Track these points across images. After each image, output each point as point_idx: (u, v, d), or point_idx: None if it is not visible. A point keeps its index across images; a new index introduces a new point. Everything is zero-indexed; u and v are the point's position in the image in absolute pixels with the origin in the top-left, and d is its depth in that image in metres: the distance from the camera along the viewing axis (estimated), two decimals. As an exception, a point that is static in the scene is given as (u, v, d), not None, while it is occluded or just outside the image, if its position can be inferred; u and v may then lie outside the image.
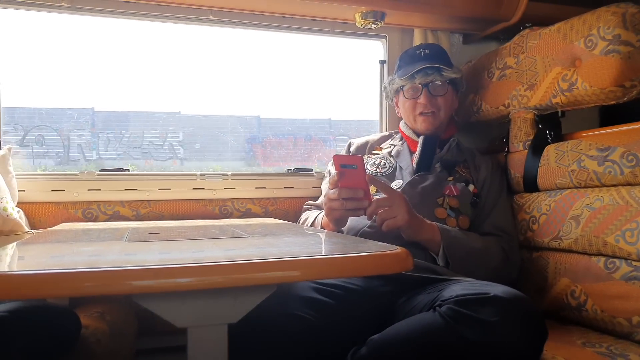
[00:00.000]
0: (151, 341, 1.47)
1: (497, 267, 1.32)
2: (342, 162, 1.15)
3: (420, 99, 1.48)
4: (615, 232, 1.17)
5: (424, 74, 1.47)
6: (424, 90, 1.48)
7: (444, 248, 1.24)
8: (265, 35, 1.83)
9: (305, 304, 1.05)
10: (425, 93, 1.47)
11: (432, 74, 1.47)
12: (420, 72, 1.47)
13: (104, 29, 1.69)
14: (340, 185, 1.16)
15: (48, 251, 0.83)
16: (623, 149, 1.20)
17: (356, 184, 1.15)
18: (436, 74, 1.47)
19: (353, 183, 1.15)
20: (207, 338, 0.69)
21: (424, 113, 1.48)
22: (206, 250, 0.82)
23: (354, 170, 1.14)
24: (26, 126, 1.67)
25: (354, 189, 1.15)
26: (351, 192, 1.16)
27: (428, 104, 1.46)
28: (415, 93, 1.49)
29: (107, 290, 0.59)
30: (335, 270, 0.70)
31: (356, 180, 1.15)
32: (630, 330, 1.12)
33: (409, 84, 1.49)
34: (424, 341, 0.91)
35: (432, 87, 1.48)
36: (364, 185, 1.15)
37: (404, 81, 1.49)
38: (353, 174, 1.14)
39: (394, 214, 1.19)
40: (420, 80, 1.47)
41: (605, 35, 1.23)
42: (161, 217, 1.61)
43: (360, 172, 1.14)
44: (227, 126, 1.88)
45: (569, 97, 1.35)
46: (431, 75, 1.47)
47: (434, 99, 1.48)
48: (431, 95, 1.48)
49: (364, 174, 1.14)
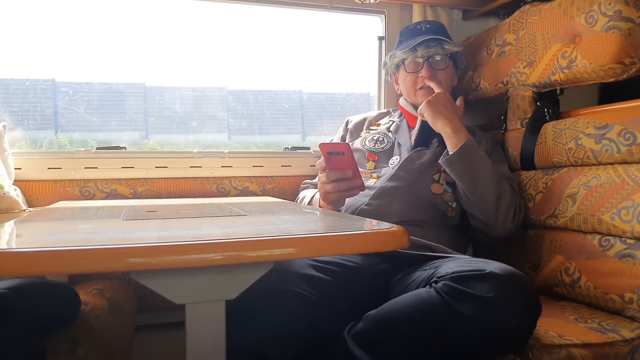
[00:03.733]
0: (150, 317, 1.48)
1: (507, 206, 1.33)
2: (329, 150, 1.15)
3: (421, 72, 1.47)
4: (611, 210, 1.17)
5: (426, 47, 1.46)
6: (425, 64, 1.47)
7: (462, 146, 1.29)
8: (261, 10, 1.80)
9: (302, 280, 1.06)
10: (426, 67, 1.47)
11: (434, 47, 1.46)
12: (422, 44, 1.46)
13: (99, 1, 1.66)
14: (328, 169, 1.16)
15: (46, 229, 0.84)
16: (620, 127, 1.20)
17: (344, 166, 1.15)
18: (438, 47, 1.46)
19: (341, 165, 1.15)
20: (205, 314, 0.70)
21: (424, 87, 1.47)
22: (204, 228, 0.82)
23: (342, 156, 1.14)
24: (21, 101, 1.65)
25: (343, 170, 1.15)
26: (340, 173, 1.15)
27: (429, 78, 1.46)
28: (416, 67, 1.49)
29: (106, 268, 0.59)
30: (331, 247, 0.70)
31: (344, 163, 1.15)
32: (622, 307, 1.13)
33: (411, 57, 1.48)
34: (420, 317, 0.92)
35: (433, 61, 1.47)
36: (353, 166, 1.15)
37: (405, 54, 1.48)
38: (341, 158, 1.14)
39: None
40: (422, 53, 1.46)
41: (606, 11, 1.22)
42: (159, 195, 1.61)
43: (348, 157, 1.14)
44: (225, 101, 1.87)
45: (568, 75, 1.34)
46: (433, 48, 1.46)
47: (435, 72, 1.47)
48: (432, 69, 1.47)
49: (351, 157, 1.14)
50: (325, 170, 1.17)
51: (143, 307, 1.39)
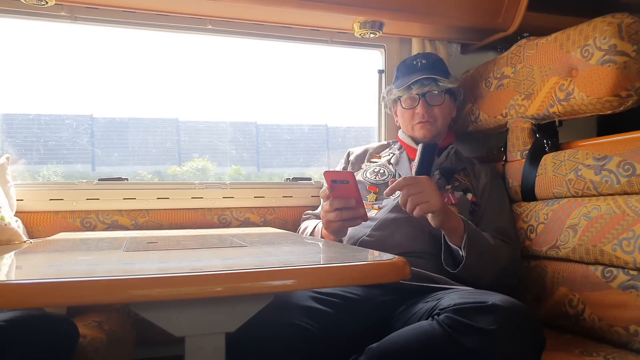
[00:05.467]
0: (149, 350, 1.46)
1: (505, 268, 1.30)
2: (333, 178, 1.16)
3: (417, 109, 1.49)
4: (612, 241, 1.17)
5: (420, 85, 1.48)
6: (421, 100, 1.49)
7: (467, 238, 1.22)
8: (263, 44, 1.84)
9: (303, 313, 1.05)
10: (422, 103, 1.49)
11: (429, 85, 1.48)
12: (416, 82, 1.48)
13: (105, 37, 1.71)
14: (332, 197, 1.17)
15: (46, 260, 0.83)
16: (619, 159, 1.20)
17: (348, 194, 1.16)
18: (432, 85, 1.48)
19: (345, 194, 1.16)
20: (205, 347, 0.69)
21: (421, 122, 1.49)
22: (204, 259, 0.82)
23: (346, 185, 1.14)
24: (25, 134, 1.68)
25: (346, 198, 1.16)
26: (343, 202, 1.16)
27: (425, 114, 1.48)
28: (412, 103, 1.51)
29: (105, 299, 0.59)
30: (332, 279, 0.70)
31: (348, 191, 1.15)
32: (627, 339, 1.11)
33: (406, 95, 1.50)
34: (423, 350, 0.91)
35: (429, 96, 1.49)
36: (357, 195, 1.16)
37: (401, 92, 1.51)
38: (344, 187, 1.15)
39: (426, 198, 1.17)
40: (417, 91, 1.49)
41: (601, 45, 1.24)
42: (160, 226, 1.61)
43: (352, 186, 1.14)
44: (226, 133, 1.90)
45: (566, 107, 1.36)
46: (428, 86, 1.48)
47: (431, 108, 1.49)
48: (428, 105, 1.49)
49: (355, 186, 1.15)
50: (329, 198, 1.17)
51: (142, 340, 1.37)
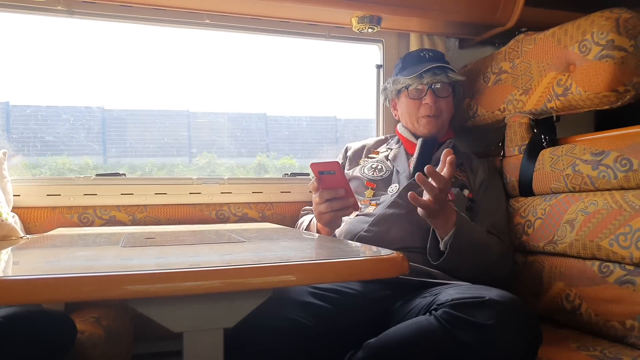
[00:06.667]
0: (147, 346, 1.46)
1: (494, 263, 1.31)
2: (320, 169, 1.15)
3: (425, 99, 1.49)
4: (609, 236, 1.17)
5: (432, 74, 1.49)
6: (429, 91, 1.49)
7: (453, 235, 1.22)
8: (261, 39, 1.84)
9: (301, 308, 1.06)
10: (430, 94, 1.49)
11: (440, 74, 1.49)
12: (428, 71, 1.48)
13: (103, 30, 1.70)
14: (321, 189, 1.17)
15: (43, 256, 0.83)
16: (617, 154, 1.21)
17: (336, 185, 1.16)
18: (443, 75, 1.49)
19: (333, 184, 1.16)
20: (203, 343, 0.69)
21: (429, 115, 1.49)
22: (202, 255, 0.82)
23: (333, 175, 1.14)
24: (27, 126, 1.68)
25: (335, 189, 1.16)
26: (332, 193, 1.16)
27: (433, 105, 1.48)
28: (419, 93, 1.51)
29: (103, 295, 0.59)
30: (331, 274, 0.70)
31: (336, 182, 1.15)
32: (624, 334, 1.12)
33: (416, 83, 1.50)
34: (420, 345, 0.91)
35: (437, 88, 1.50)
36: (345, 185, 1.16)
37: (410, 80, 1.50)
38: (332, 177, 1.15)
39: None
40: (428, 80, 1.49)
41: (599, 40, 1.24)
42: (157, 221, 1.60)
43: (339, 176, 1.14)
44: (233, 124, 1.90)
45: (564, 102, 1.36)
46: (439, 76, 1.49)
47: (438, 100, 1.50)
48: (436, 97, 1.49)
49: (343, 176, 1.15)
50: (318, 190, 1.17)
51: (140, 336, 1.37)
